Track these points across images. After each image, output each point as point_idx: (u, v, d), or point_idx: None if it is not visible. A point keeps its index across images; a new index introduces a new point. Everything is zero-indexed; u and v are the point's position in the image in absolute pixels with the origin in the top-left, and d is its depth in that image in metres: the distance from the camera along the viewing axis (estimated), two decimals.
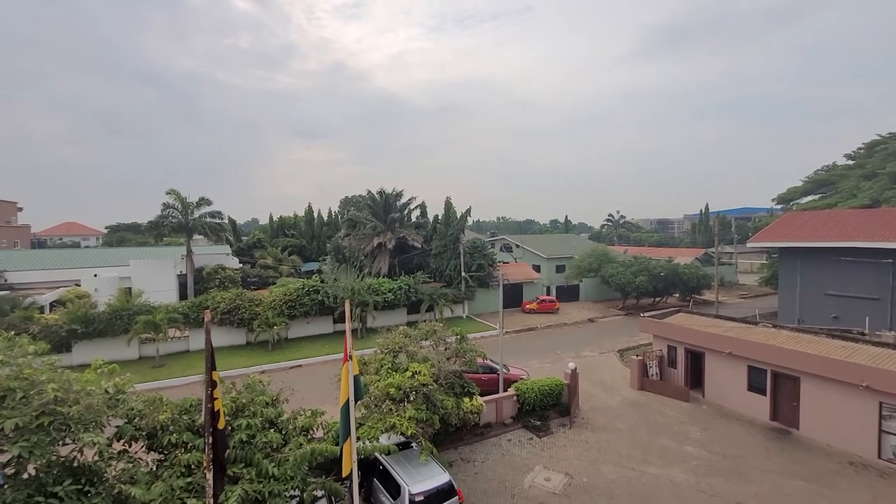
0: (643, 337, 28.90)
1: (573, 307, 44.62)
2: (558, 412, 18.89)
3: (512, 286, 42.46)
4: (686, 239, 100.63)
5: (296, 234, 60.70)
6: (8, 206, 73.29)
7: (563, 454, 15.83)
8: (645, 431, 17.60)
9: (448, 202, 42.57)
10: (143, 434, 9.34)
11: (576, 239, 68.55)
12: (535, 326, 36.76)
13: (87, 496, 7.59)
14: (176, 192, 37.92)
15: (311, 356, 28.12)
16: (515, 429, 17.81)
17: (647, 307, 42.45)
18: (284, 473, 9.15)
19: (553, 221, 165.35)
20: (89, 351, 26.24)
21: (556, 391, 19.12)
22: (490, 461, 15.37)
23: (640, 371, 22.21)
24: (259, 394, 11.13)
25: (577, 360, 23.15)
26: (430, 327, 15.77)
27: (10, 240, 66.47)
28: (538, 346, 30.36)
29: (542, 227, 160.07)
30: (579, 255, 47.21)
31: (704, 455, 15.76)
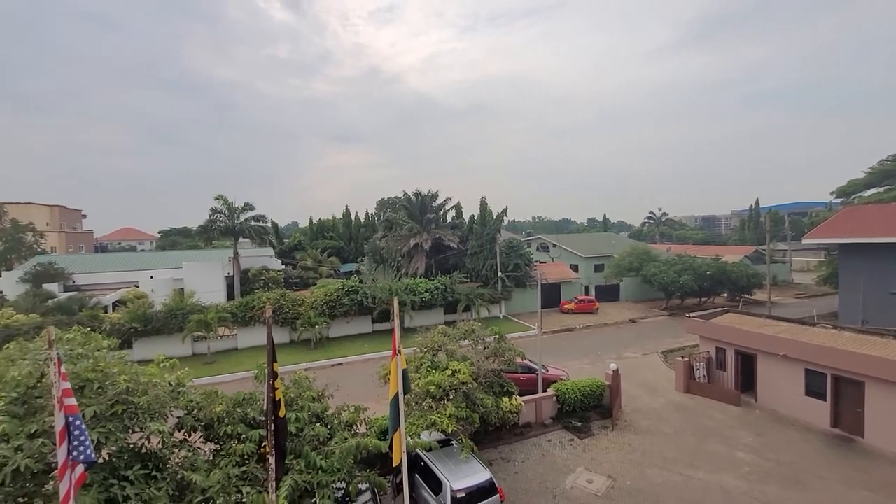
0: (689, 338, 27.80)
1: (613, 307, 43.47)
2: (599, 414, 18.50)
3: (549, 286, 41.87)
4: (734, 236, 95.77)
5: (334, 236, 62.39)
6: (74, 214, 79.38)
7: (606, 456, 15.51)
8: (692, 435, 16.96)
9: (483, 202, 42.53)
10: (201, 425, 9.91)
11: (615, 237, 66.79)
12: (573, 327, 36.11)
13: (154, 480, 8.16)
14: (223, 197, 39.84)
15: (352, 355, 28.86)
16: (555, 429, 17.60)
17: (692, 307, 40.78)
18: (331, 466, 9.49)
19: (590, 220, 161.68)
20: (148, 347, 28.00)
21: (597, 392, 18.74)
22: (530, 461, 15.27)
23: (687, 373, 21.40)
24: (306, 389, 11.59)
25: (619, 362, 22.55)
26: (468, 326, 15.84)
27: (76, 245, 71.93)
28: (577, 347, 29.81)
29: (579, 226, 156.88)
30: (619, 254, 45.98)
31: (757, 461, 15.01)
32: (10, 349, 8.10)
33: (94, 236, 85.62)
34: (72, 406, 5.33)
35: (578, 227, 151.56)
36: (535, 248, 55.38)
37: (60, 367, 5.28)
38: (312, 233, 63.41)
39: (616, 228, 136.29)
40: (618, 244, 54.59)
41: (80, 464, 5.38)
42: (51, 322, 24.92)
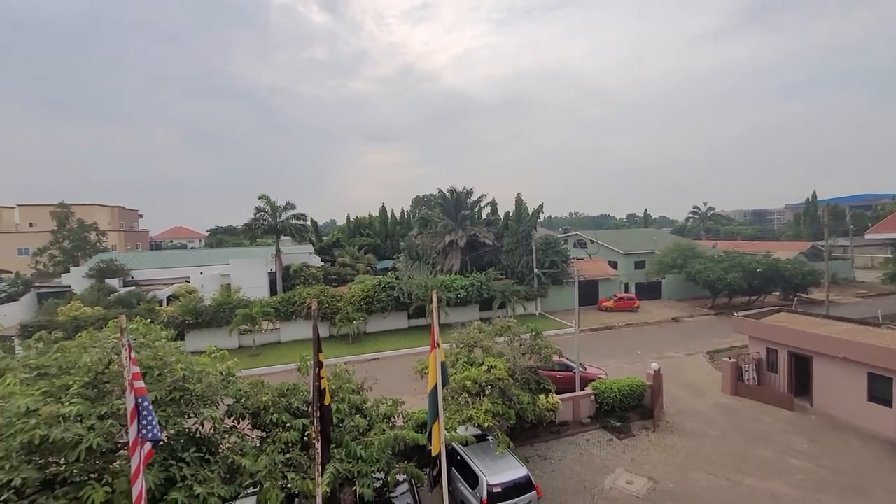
0: (737, 338, 26.50)
1: (655, 305, 42.05)
2: (640, 414, 18.01)
3: (587, 283, 41.00)
4: (788, 231, 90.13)
5: (371, 233, 63.59)
6: (131, 214, 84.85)
7: (647, 458, 15.09)
8: (740, 439, 16.21)
9: (519, 198, 42.12)
10: (248, 413, 10.42)
11: (656, 233, 64.50)
12: (612, 325, 35.22)
13: (207, 463, 8.67)
14: (266, 196, 41.45)
15: (388, 349, 29.42)
16: (593, 429, 17.29)
17: (740, 306, 38.86)
18: (370, 456, 9.77)
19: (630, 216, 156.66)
20: (199, 339, 29.61)
21: (638, 392, 18.25)
22: (567, 460, 15.09)
23: (734, 375, 20.44)
24: (345, 381, 11.95)
25: (661, 361, 21.81)
26: (504, 323, 15.81)
27: (133, 243, 76.88)
28: (616, 346, 29.08)
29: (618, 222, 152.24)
30: (661, 251, 44.35)
31: (812, 469, 14.17)
32: (81, 338, 8.83)
33: (149, 235, 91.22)
34: (140, 388, 5.79)
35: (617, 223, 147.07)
36: (572, 245, 54.36)
37: (131, 352, 5.74)
38: (350, 230, 64.88)
39: (658, 224, 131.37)
40: (660, 240, 52.66)
41: (147, 441, 5.83)
42: (113, 315, 26.80)
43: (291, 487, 9.15)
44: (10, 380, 7.45)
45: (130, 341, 6.04)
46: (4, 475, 6.15)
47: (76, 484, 7.05)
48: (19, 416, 6.64)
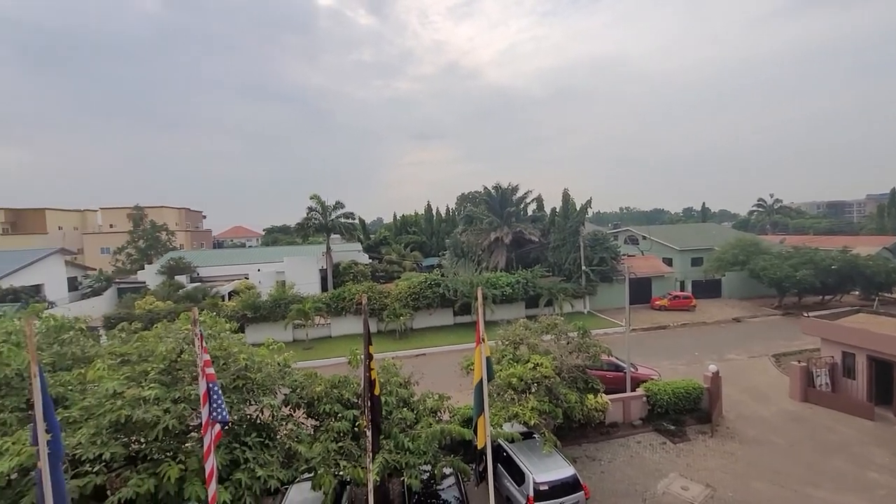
0: (806, 340, 24.51)
1: (714, 304, 39.74)
2: (696, 418, 17.17)
3: (639, 281, 39.39)
4: (870, 224, 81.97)
5: (417, 231, 64.55)
6: (196, 215, 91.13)
7: (703, 464, 14.38)
8: (810, 449, 15.06)
9: (566, 194, 41.18)
10: (303, 402, 10.98)
11: (715, 228, 60.85)
12: (666, 325, 33.70)
13: (267, 448, 9.25)
14: (317, 196, 43.14)
15: (434, 345, 29.81)
16: (645, 431, 16.69)
17: (812, 306, 35.93)
18: (418, 448, 10.03)
19: (687, 210, 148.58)
20: (257, 332, 31.37)
21: (694, 395, 17.40)
22: (617, 462, 14.69)
23: (804, 380, 18.98)
24: (393, 375, 12.32)
25: (720, 364, 20.61)
26: (550, 321, 15.59)
27: (198, 242, 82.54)
28: (671, 346, 27.82)
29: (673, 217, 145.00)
30: (721, 247, 41.81)
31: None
32: (157, 329, 9.68)
33: (212, 234, 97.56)
34: (211, 374, 6.32)
35: (672, 218, 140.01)
36: (623, 241, 52.40)
37: (202, 342, 6.26)
38: (396, 228, 66.20)
39: (717, 218, 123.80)
40: (719, 235, 49.64)
41: (216, 423, 6.34)
42: (182, 309, 28.97)
43: (343, 475, 9.59)
44: (99, 365, 8.32)
45: (202, 331, 6.59)
46: (97, 449, 6.90)
47: (154, 461, 7.77)
48: (107, 397, 7.41)
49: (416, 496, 11.10)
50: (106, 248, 64.64)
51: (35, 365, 5.20)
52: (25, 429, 7.15)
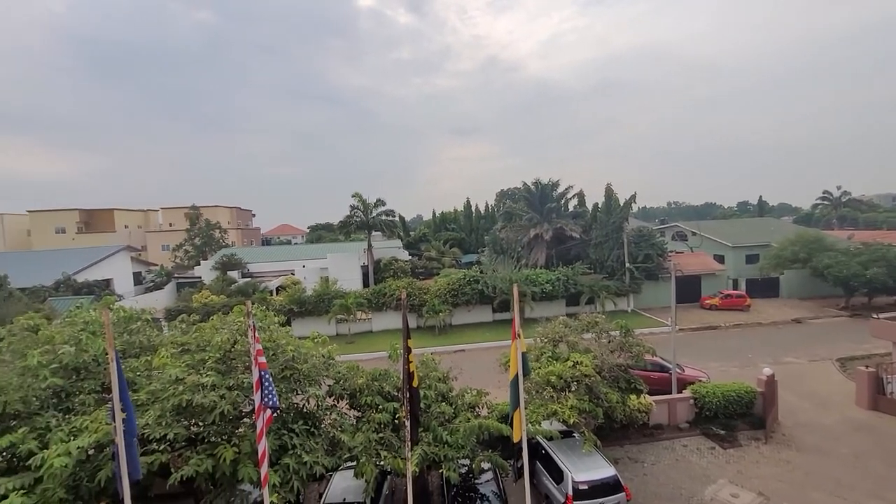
0: (877, 344, 22.64)
1: (771, 304, 37.43)
2: (748, 423, 16.32)
3: (687, 279, 37.69)
4: None
5: (456, 228, 64.83)
6: (246, 214, 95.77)
7: (755, 471, 13.68)
8: (879, 460, 13.97)
9: (609, 189, 40.04)
10: (346, 393, 11.40)
11: (773, 223, 57.26)
12: (717, 325, 32.12)
13: (313, 435, 9.71)
14: (359, 195, 44.22)
15: (473, 342, 29.94)
16: (692, 435, 16.07)
17: (884, 307, 33.07)
18: (456, 441, 10.19)
19: (742, 204, 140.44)
20: (302, 326, 32.70)
21: (746, 399, 16.55)
22: (661, 465, 14.24)
23: (873, 386, 17.59)
24: (432, 370, 12.54)
25: (776, 367, 19.45)
26: (591, 319, 15.31)
27: (248, 239, 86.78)
28: (721, 348, 26.52)
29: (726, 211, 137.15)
30: (779, 243, 39.24)
31: None
32: (213, 321, 10.37)
33: (260, 232, 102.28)
34: (263, 363, 6.76)
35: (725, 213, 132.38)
36: (670, 238, 50.37)
37: (255, 332, 6.70)
38: (435, 225, 66.79)
39: (776, 213, 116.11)
40: (777, 231, 46.62)
41: (267, 408, 6.77)
42: (234, 302, 30.65)
43: (384, 465, 9.91)
44: (163, 353, 9.04)
45: (255, 323, 7.03)
46: (162, 430, 7.54)
47: (211, 443, 8.37)
48: (171, 382, 8.05)
49: (454, 489, 11.27)
50: (166, 245, 69.36)
51: (112, 351, 5.75)
52: (102, 409, 7.90)
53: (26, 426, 7.53)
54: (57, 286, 34.66)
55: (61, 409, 8.37)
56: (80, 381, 9.00)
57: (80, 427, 7.48)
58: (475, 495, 11.15)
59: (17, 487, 6.77)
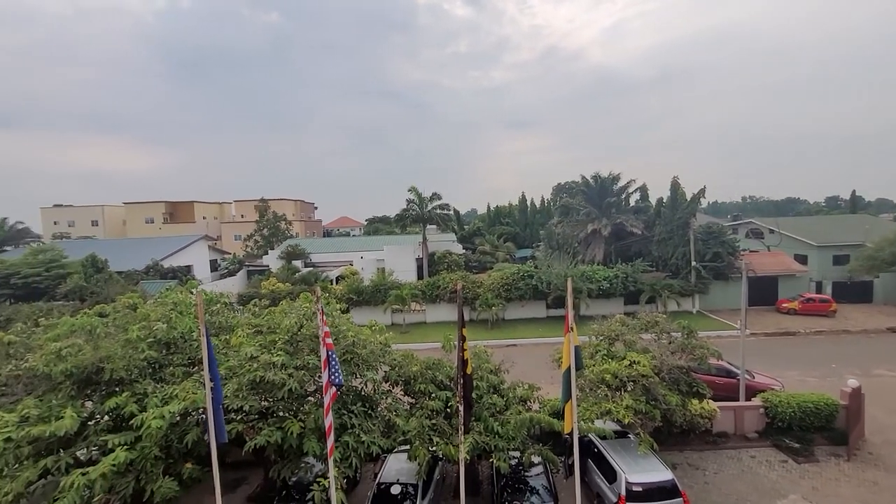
0: None
1: (861, 310, 33.81)
2: (827, 438, 14.99)
3: (762, 279, 34.95)
4: None
5: (510, 222, 64.33)
6: (308, 207, 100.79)
7: (834, 489, 12.59)
8: None
9: (675, 183, 37.86)
10: (401, 380, 11.87)
11: (869, 220, 51.30)
12: (796, 331, 29.54)
13: (370, 417, 10.27)
14: (415, 188, 45.13)
15: (526, 337, 29.74)
16: (761, 446, 15.04)
17: None
18: (507, 433, 10.33)
19: (831, 199, 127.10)
20: (359, 315, 34.04)
21: (827, 412, 15.20)
22: (725, 474, 13.50)
23: None
24: (484, 362, 12.72)
25: (865, 380, 17.61)
26: (651, 318, 14.74)
27: (310, 231, 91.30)
28: (800, 355, 24.41)
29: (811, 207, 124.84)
30: (874, 242, 35.22)
31: None
32: (282, 306, 11.21)
33: (321, 224, 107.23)
34: (330, 344, 7.31)
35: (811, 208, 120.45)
36: (744, 235, 46.79)
37: (323, 315, 7.24)
38: (490, 219, 66.63)
39: (873, 209, 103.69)
40: (873, 229, 41.76)
41: (333, 385, 7.31)
42: (299, 290, 32.55)
43: (436, 450, 10.26)
44: (239, 333, 9.94)
45: (323, 307, 7.59)
46: (239, 402, 8.34)
47: (280, 417, 9.12)
48: (246, 360, 8.86)
49: (503, 479, 11.42)
50: (238, 235, 74.69)
51: (203, 326, 6.48)
52: (189, 380, 8.86)
53: (128, 391, 8.62)
54: (147, 270, 38.64)
55: (155, 378, 9.47)
56: (170, 354, 10.13)
57: (171, 395, 8.44)
58: (525, 487, 11.22)
59: (121, 443, 7.80)
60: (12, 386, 9.31)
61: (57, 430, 7.44)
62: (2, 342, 9.93)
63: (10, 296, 33.83)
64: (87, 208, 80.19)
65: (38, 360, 8.57)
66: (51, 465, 7.70)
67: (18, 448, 7.47)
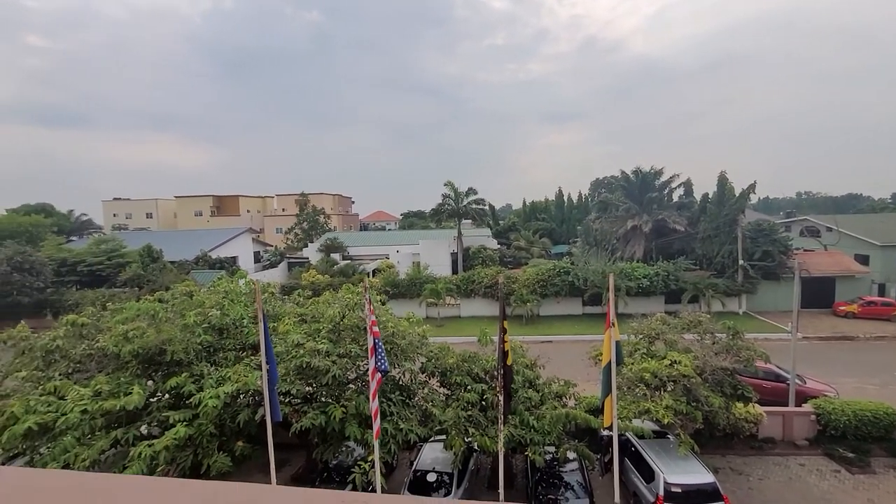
0: None
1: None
2: (887, 449, 14.10)
3: (817, 280, 32.89)
4: None
5: (546, 217, 63.41)
6: (346, 201, 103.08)
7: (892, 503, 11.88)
8: None
9: (722, 177, 36.16)
10: (438, 371, 12.12)
11: None
12: (854, 335, 27.75)
13: (407, 406, 10.59)
14: (451, 183, 45.29)
15: (561, 333, 29.43)
16: (812, 454, 14.33)
17: None
18: (542, 427, 10.37)
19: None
20: (395, 307, 34.45)
21: (886, 421, 14.29)
22: (771, 481, 12.98)
23: None
24: (520, 356, 12.77)
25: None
26: (694, 317, 14.30)
27: (348, 224, 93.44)
28: (858, 362, 22.96)
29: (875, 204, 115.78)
30: None
31: None
32: (325, 296, 11.68)
33: (358, 218, 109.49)
34: (376, 332, 7.62)
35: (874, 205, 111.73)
36: (798, 233, 44.22)
37: (370, 305, 7.55)
38: (525, 214, 65.94)
39: None
40: None
41: (378, 372, 7.62)
42: (338, 282, 33.54)
43: (472, 441, 10.46)
44: (286, 321, 10.46)
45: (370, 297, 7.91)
46: (286, 386, 8.81)
47: (323, 402, 9.56)
48: (293, 346, 9.33)
49: (538, 474, 11.47)
50: (280, 228, 77.48)
51: (261, 313, 6.90)
52: (240, 363, 9.43)
53: (186, 372, 9.28)
54: (196, 261, 40.86)
55: (210, 361, 10.12)
56: (223, 339, 10.79)
57: (224, 377, 9.03)
58: (559, 483, 11.24)
59: (181, 419, 8.44)
60: (86, 363, 10.21)
61: (126, 404, 8.14)
62: (76, 324, 10.88)
63: (77, 282, 36.75)
64: (142, 202, 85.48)
65: (108, 341, 9.37)
66: (120, 436, 8.44)
67: (93, 419, 8.22)
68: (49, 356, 10.02)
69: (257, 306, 7.09)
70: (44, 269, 33.15)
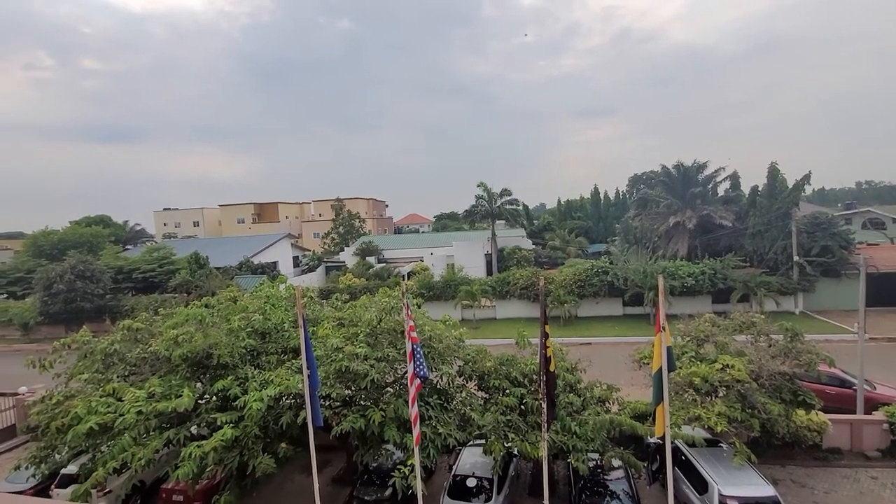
0: None
1: None
2: None
3: (885, 276, 30.29)
4: None
5: (582, 216, 62.03)
6: (380, 204, 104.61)
7: None
8: None
9: (773, 168, 34.06)
10: (476, 375, 11.93)
11: None
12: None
13: (445, 410, 10.48)
14: (484, 184, 45.05)
15: (601, 335, 28.56)
16: (885, 466, 13.16)
17: None
18: (585, 434, 10.01)
19: None
20: (431, 310, 34.45)
21: None
22: (839, 495, 12.00)
23: None
24: (560, 360, 12.39)
25: None
26: (746, 318, 13.46)
27: (382, 228, 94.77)
28: None
29: None
30: None
31: None
32: (363, 299, 11.78)
33: (392, 221, 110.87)
34: (414, 337, 7.57)
35: None
36: (860, 226, 41.14)
37: (409, 310, 7.53)
38: (560, 213, 64.75)
39: None
40: None
41: (417, 377, 7.57)
42: (374, 285, 33.98)
43: (512, 446, 10.22)
44: (325, 325, 10.60)
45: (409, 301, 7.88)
46: (326, 389, 8.91)
47: (362, 406, 9.61)
48: (332, 350, 9.43)
49: (581, 481, 11.09)
50: (317, 233, 79.57)
51: (301, 318, 7.00)
52: (283, 367, 9.62)
53: (232, 375, 9.57)
54: (240, 266, 42.52)
55: (254, 365, 10.40)
56: (265, 343, 11.07)
57: (268, 380, 9.24)
58: (604, 491, 10.82)
59: (228, 421, 8.69)
60: (140, 366, 10.73)
61: (178, 406, 8.47)
62: (131, 329, 11.46)
63: (132, 288, 39.07)
64: (189, 211, 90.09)
65: (160, 345, 9.79)
66: (172, 437, 8.79)
67: (147, 420, 8.60)
68: (108, 359, 10.60)
69: (297, 311, 7.18)
70: (103, 277, 35.41)
